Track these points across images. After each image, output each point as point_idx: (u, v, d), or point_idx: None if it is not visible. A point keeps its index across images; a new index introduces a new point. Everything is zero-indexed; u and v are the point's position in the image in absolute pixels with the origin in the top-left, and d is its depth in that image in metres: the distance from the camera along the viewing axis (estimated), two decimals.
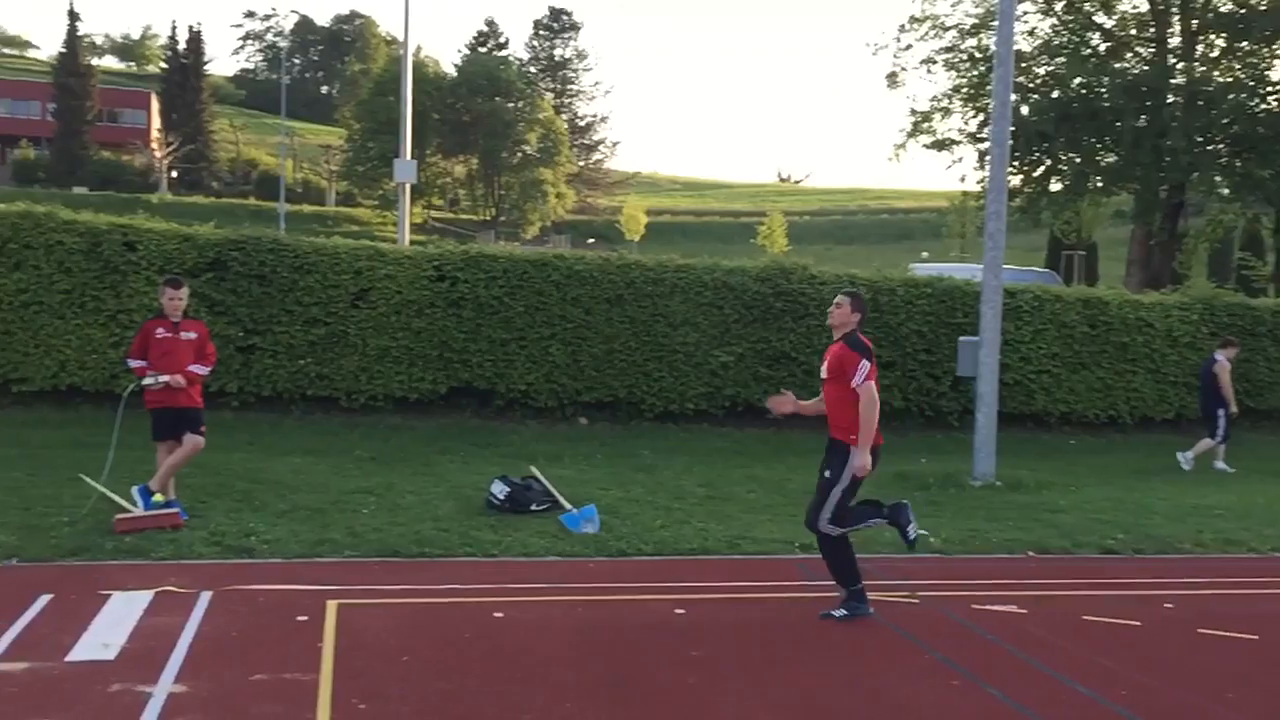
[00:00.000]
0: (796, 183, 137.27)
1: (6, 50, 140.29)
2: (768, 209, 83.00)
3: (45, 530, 7.70)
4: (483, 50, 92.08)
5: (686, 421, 14.17)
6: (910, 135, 29.27)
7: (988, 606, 7.21)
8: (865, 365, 6.66)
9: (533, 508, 9.15)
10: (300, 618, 6.25)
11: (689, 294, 14.09)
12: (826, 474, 6.82)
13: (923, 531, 7.95)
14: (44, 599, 6.34)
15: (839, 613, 6.75)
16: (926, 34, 28.55)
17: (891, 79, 29.42)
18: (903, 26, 29.29)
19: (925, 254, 52.48)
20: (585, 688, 5.42)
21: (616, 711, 5.15)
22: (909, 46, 28.91)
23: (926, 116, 28.85)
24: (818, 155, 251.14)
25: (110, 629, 5.89)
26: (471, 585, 7.13)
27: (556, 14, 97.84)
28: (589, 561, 7.90)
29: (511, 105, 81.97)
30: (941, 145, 28.74)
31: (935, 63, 28.57)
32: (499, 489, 9.26)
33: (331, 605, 6.48)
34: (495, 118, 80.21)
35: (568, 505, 9.15)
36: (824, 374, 6.94)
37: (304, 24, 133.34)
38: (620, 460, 12.01)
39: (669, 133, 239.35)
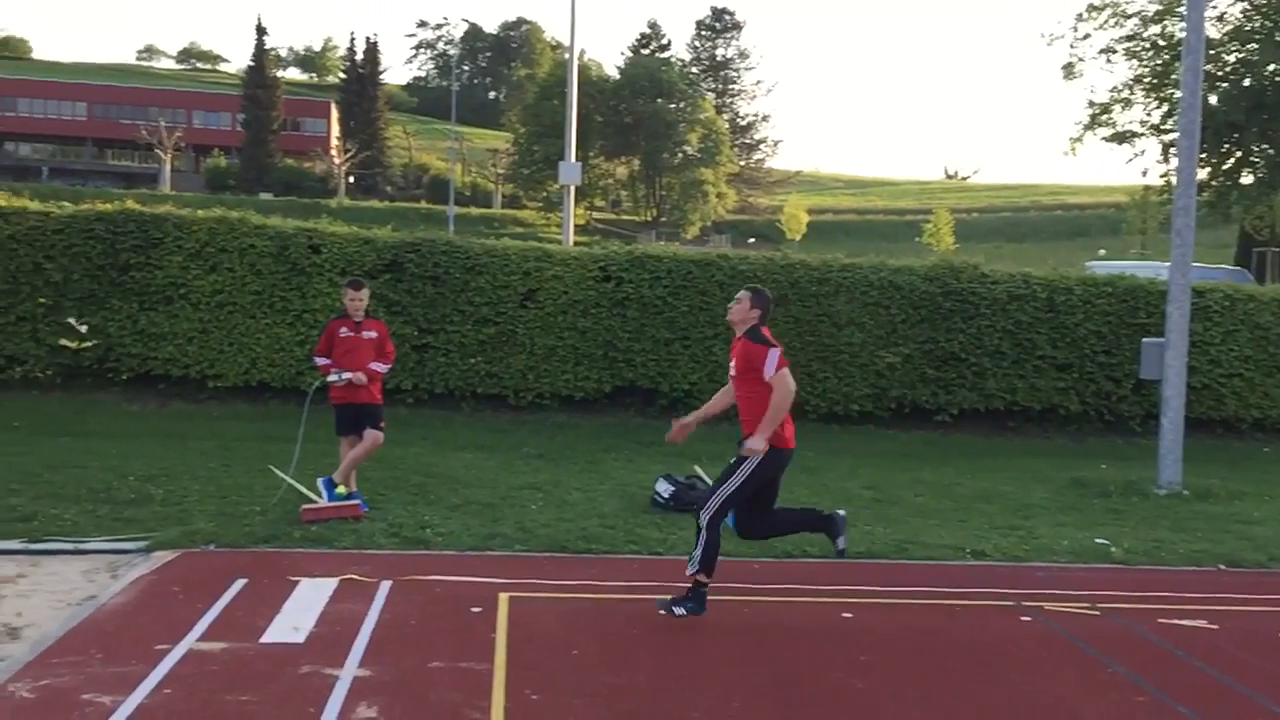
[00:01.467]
0: (964, 179, 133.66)
1: (201, 65, 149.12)
2: (933, 206, 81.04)
3: (239, 518, 8.14)
4: (645, 52, 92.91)
5: (851, 423, 13.98)
6: (1088, 128, 28.18)
7: (1175, 621, 6.87)
8: (774, 355, 6.47)
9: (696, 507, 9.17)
10: (474, 609, 6.43)
11: (854, 293, 13.89)
12: (731, 461, 6.64)
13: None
14: (239, 583, 6.70)
15: (679, 610, 6.43)
16: (1106, 22, 27.44)
17: (1068, 70, 28.38)
18: (1080, 15, 28.22)
19: (1102, 251, 50.35)
20: (752, 688, 5.41)
21: (784, 713, 5.12)
22: (1087, 36, 27.85)
23: (1106, 108, 27.73)
24: (986, 150, 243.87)
25: (299, 613, 6.19)
26: (638, 582, 7.19)
27: (719, 14, 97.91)
28: (754, 562, 7.87)
29: (673, 106, 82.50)
30: (1122, 138, 27.57)
31: (1115, 52, 27.45)
32: (664, 488, 9.33)
33: (503, 597, 6.65)
34: (657, 119, 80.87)
35: None
36: (732, 371, 6.77)
37: (473, 31, 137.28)
38: None
39: (832, 130, 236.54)
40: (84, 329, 12.42)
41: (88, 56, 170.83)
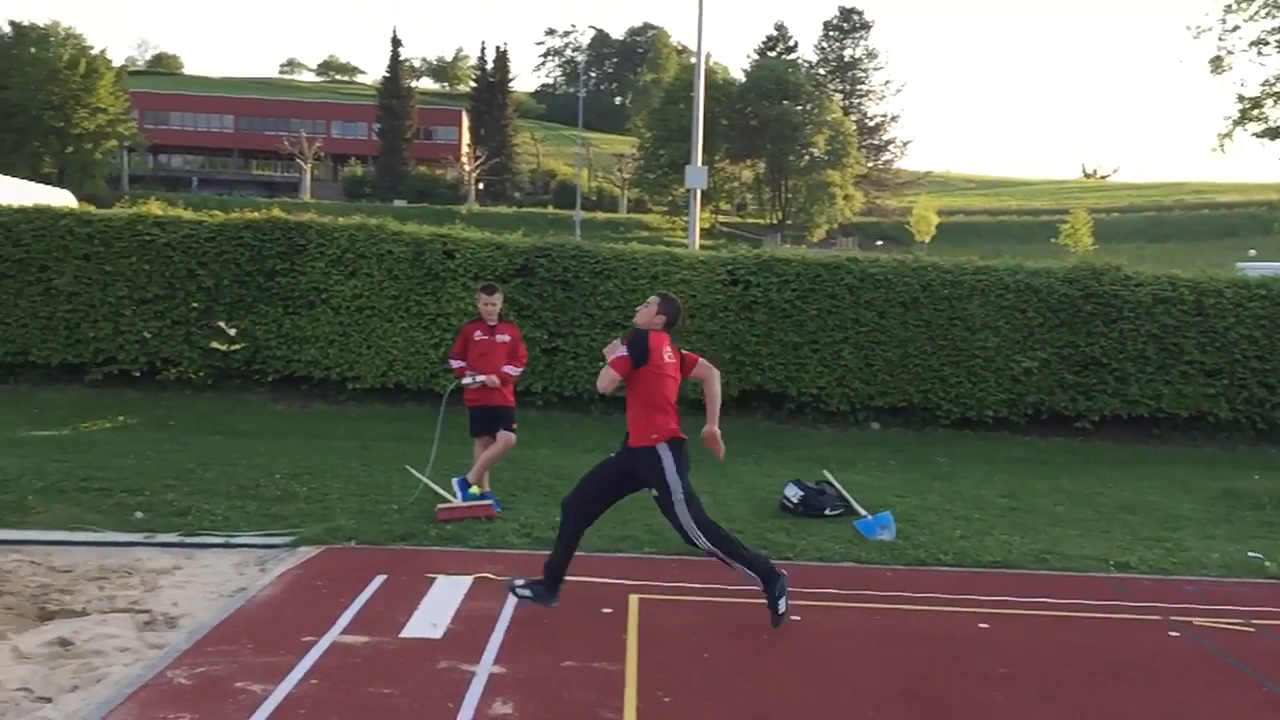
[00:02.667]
0: (1103, 178, 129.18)
1: (339, 77, 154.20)
2: (1071, 206, 78.52)
3: (378, 516, 8.39)
4: (772, 54, 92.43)
5: (985, 429, 13.65)
6: (1238, 123, 26.94)
7: None
8: (623, 350, 6.38)
9: (826, 512, 9.09)
10: (605, 610, 6.49)
11: (989, 296, 13.56)
12: (654, 494, 6.44)
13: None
14: (379, 579, 6.90)
15: (781, 606, 6.19)
16: (1257, 13, 26.19)
17: (1216, 63, 27.17)
18: (1229, 7, 27.00)
19: (1252, 252, 48.03)
20: (885, 697, 5.33)
21: None
22: (1236, 28, 26.62)
23: (1257, 103, 26.47)
24: (1127, 148, 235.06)
25: (437, 610, 6.34)
26: None
27: (847, 14, 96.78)
28: (886, 569, 7.75)
29: (799, 108, 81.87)
30: (1275, 134, 26.26)
31: (1267, 44, 26.14)
32: (793, 492, 9.27)
33: (634, 599, 6.70)
34: (783, 121, 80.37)
35: (862, 511, 9.04)
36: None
37: (600, 38, 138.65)
38: (915, 467, 11.72)
39: (963, 130, 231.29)
40: (233, 332, 12.97)
41: (234, 71, 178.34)
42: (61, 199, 22.37)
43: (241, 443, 11.06)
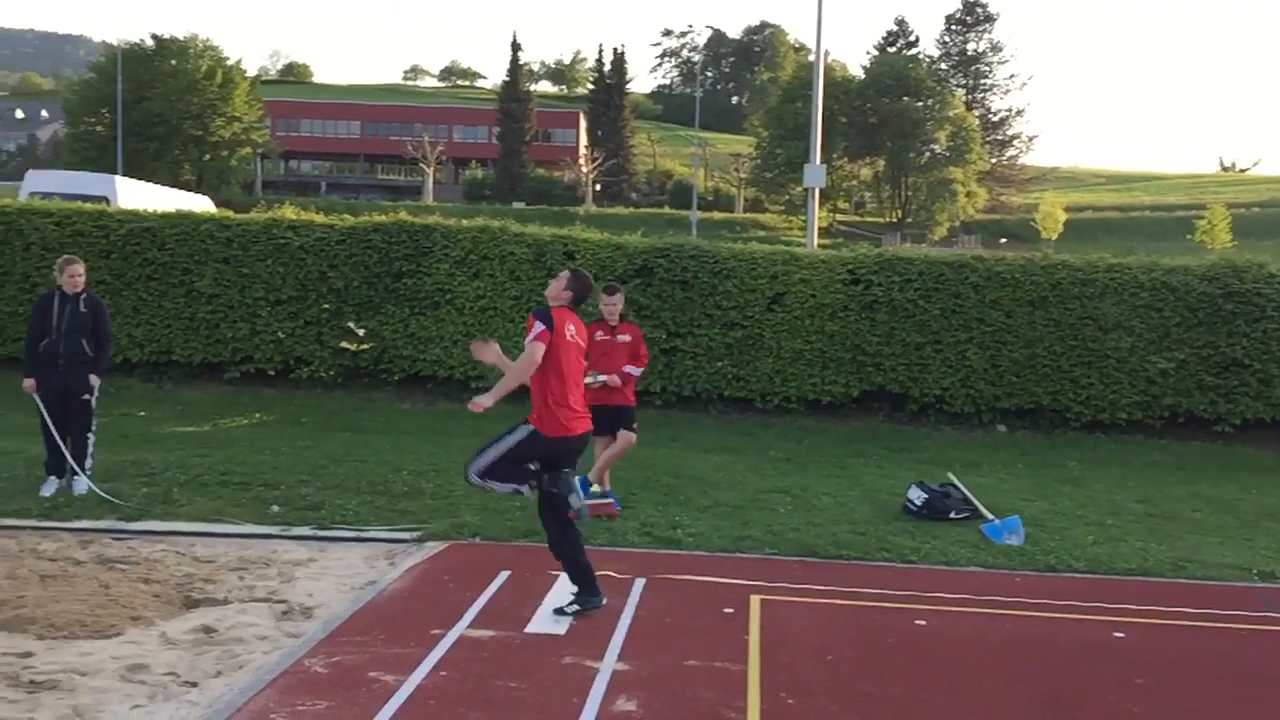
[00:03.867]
0: (1242, 171, 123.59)
1: (460, 82, 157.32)
2: (1207, 201, 75.35)
3: (502, 513, 8.53)
4: (892, 50, 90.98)
5: (1118, 432, 13.20)
6: None
7: None
8: (539, 326, 6.32)
9: (951, 515, 8.92)
10: (726, 609, 6.49)
11: (1122, 295, 13.12)
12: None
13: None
14: (503, 575, 7.03)
15: (570, 609, 6.25)
16: None
17: None
18: None
19: None
20: (1017, 706, 5.20)
21: None
22: None
23: None
24: (1268, 139, 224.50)
25: (560, 606, 6.41)
26: (891, 590, 7.06)
27: (970, 7, 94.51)
28: (1014, 575, 7.57)
29: (920, 104, 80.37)
30: None
31: None
32: (916, 495, 9.11)
33: (755, 600, 6.68)
34: (903, 118, 79.02)
35: (989, 515, 8.83)
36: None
37: (716, 38, 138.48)
38: (1044, 470, 11.41)
39: (1093, 124, 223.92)
40: (362, 332, 13.35)
41: (361, 78, 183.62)
42: (201, 204, 23.37)
43: (370, 440, 11.37)
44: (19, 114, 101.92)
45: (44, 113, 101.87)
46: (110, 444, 9.47)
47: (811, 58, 27.51)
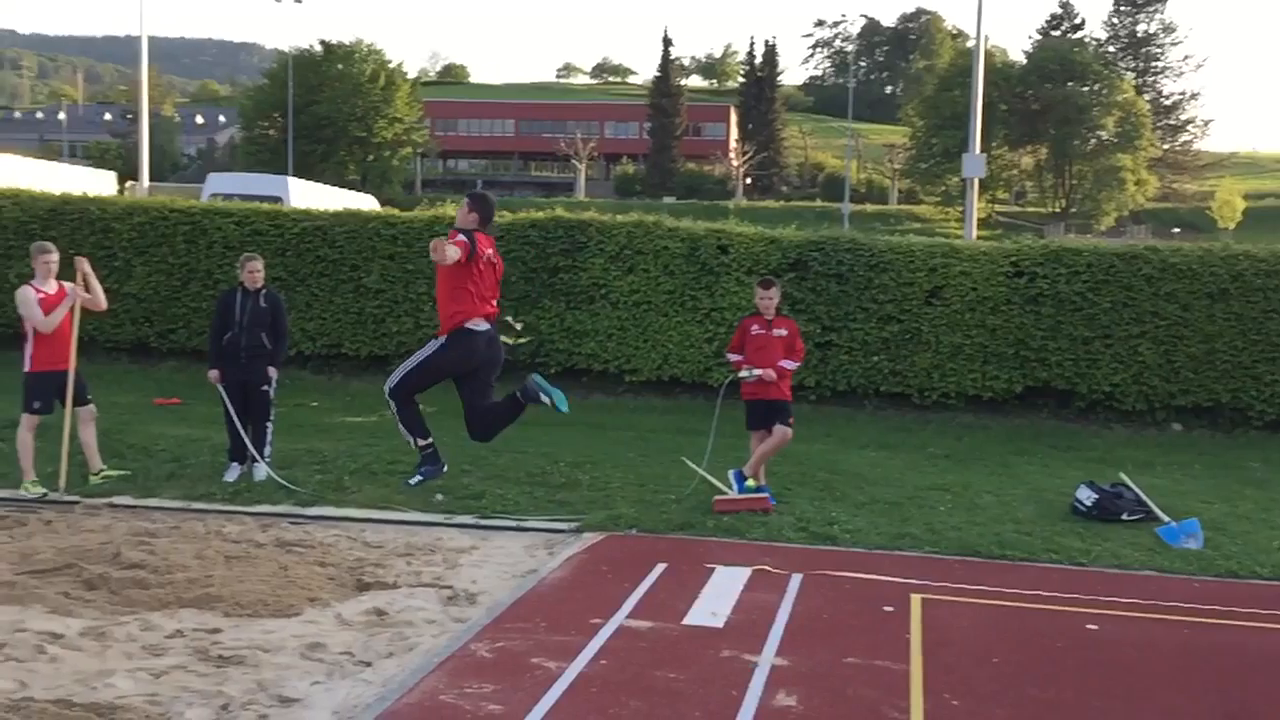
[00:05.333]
0: None
1: (612, 79, 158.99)
2: None
3: (657, 506, 8.60)
4: (1055, 34, 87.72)
5: None
6: None
7: None
8: (460, 237, 7.51)
9: (1123, 517, 8.56)
10: (886, 608, 6.39)
11: None
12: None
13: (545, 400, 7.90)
14: (660, 567, 7.08)
15: (414, 480, 7.69)
16: None
17: None
18: None
19: None
20: (1198, 716, 4.96)
21: None
22: None
23: None
24: None
25: (716, 599, 6.44)
26: (1059, 593, 6.82)
27: None
28: (1193, 580, 7.22)
29: (1086, 89, 77.24)
30: None
31: None
32: (1086, 495, 8.77)
33: (915, 599, 6.55)
34: (1068, 104, 76.07)
35: (1164, 517, 8.44)
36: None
37: (870, 26, 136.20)
38: (1223, 471, 10.84)
39: (1273, 106, 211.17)
40: (519, 326, 13.63)
41: (515, 78, 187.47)
42: (367, 203, 24.26)
43: (527, 432, 11.56)
44: (199, 119, 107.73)
45: (221, 118, 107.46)
46: (286, 433, 9.92)
47: (970, 43, 26.78)
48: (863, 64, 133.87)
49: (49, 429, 8.88)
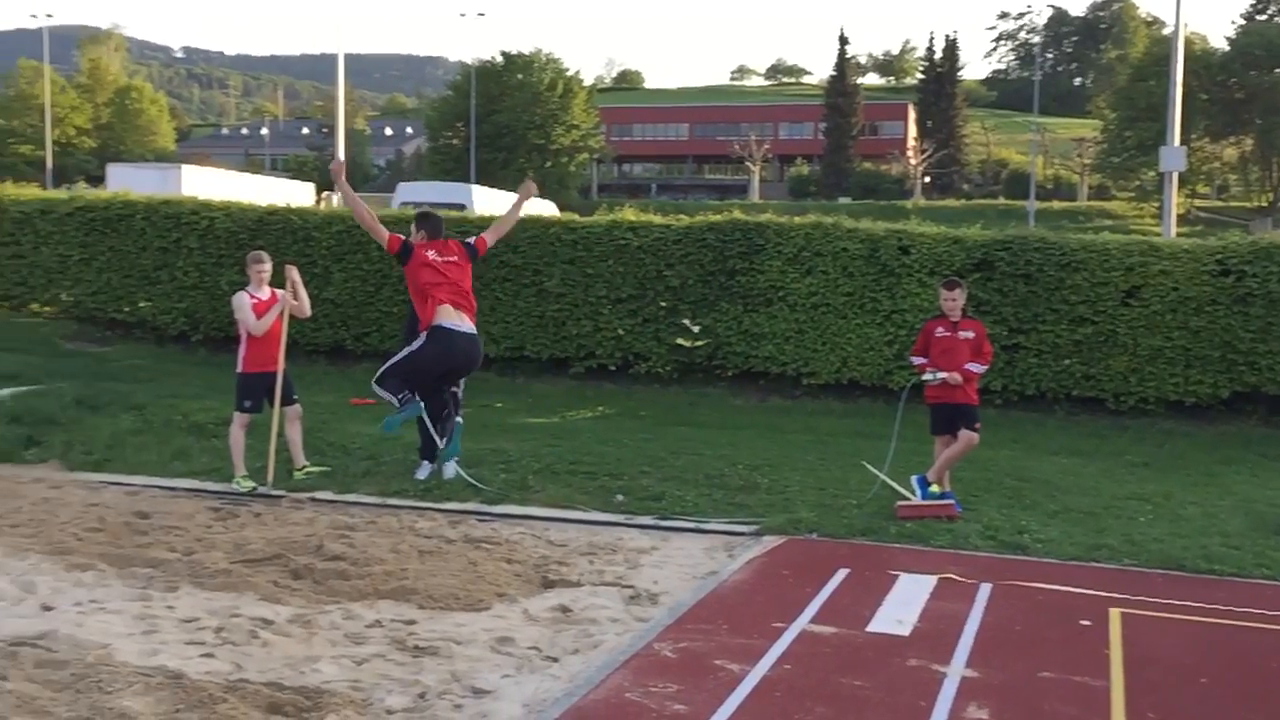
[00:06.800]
0: None
1: (786, 80, 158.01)
2: None
3: (837, 510, 8.49)
4: (1262, 18, 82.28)
5: None
6: None
7: None
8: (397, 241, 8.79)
9: None
10: (1083, 621, 6.13)
11: None
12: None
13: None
14: (841, 572, 6.99)
15: (400, 417, 8.43)
16: None
17: None
18: None
19: None
20: None
21: None
22: None
23: None
24: None
25: (901, 607, 6.31)
26: (1272, 611, 6.40)
27: None
28: None
29: None
30: None
31: None
32: None
33: (1114, 613, 6.26)
34: (1275, 91, 71.18)
35: None
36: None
37: (1058, 17, 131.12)
38: None
39: None
40: (696, 329, 13.69)
41: (689, 81, 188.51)
42: (546, 209, 24.84)
43: (705, 434, 11.65)
44: (387, 131, 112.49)
45: (408, 129, 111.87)
46: (473, 433, 10.24)
47: (1167, 30, 25.43)
48: (1049, 56, 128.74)
49: (258, 427, 9.43)
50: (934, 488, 8.53)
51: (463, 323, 8.53)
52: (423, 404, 8.65)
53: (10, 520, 7.77)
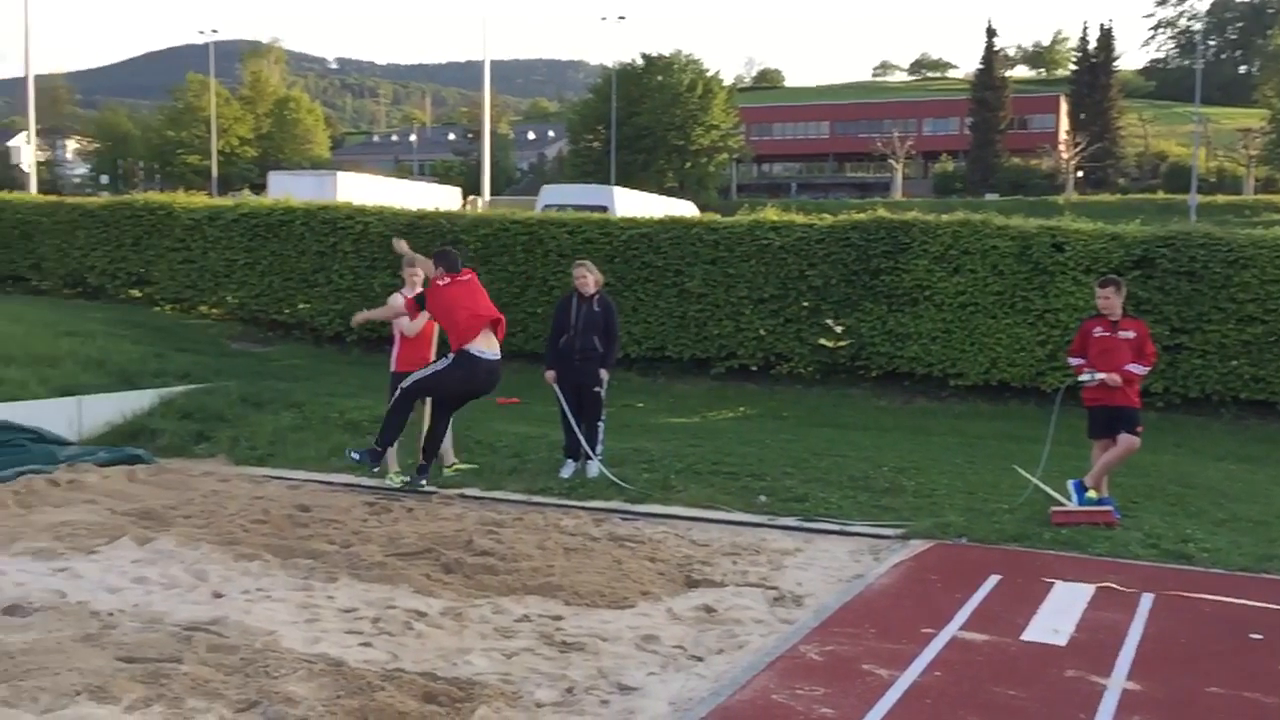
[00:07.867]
0: None
1: (930, 74, 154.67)
2: None
3: (988, 515, 8.27)
4: None
5: None
6: None
7: None
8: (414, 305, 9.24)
9: None
10: (1253, 635, 5.83)
11: None
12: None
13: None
14: (992, 578, 6.81)
15: (355, 455, 8.76)
16: None
17: None
18: None
19: None
20: None
21: None
22: None
23: None
24: None
25: (1057, 615, 6.11)
26: None
27: None
28: None
29: None
30: None
31: None
32: None
33: None
34: None
35: None
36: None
37: (1221, 3, 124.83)
38: None
39: None
40: (839, 329, 13.52)
41: (830, 79, 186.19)
42: (687, 209, 24.91)
43: (848, 435, 11.49)
44: (530, 135, 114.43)
45: (550, 133, 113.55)
46: (615, 432, 10.34)
47: None
48: (1212, 43, 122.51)
49: (410, 425, 9.72)
50: (1091, 493, 8.23)
51: (489, 348, 8.72)
52: (375, 468, 9.23)
53: (183, 511, 8.21)
